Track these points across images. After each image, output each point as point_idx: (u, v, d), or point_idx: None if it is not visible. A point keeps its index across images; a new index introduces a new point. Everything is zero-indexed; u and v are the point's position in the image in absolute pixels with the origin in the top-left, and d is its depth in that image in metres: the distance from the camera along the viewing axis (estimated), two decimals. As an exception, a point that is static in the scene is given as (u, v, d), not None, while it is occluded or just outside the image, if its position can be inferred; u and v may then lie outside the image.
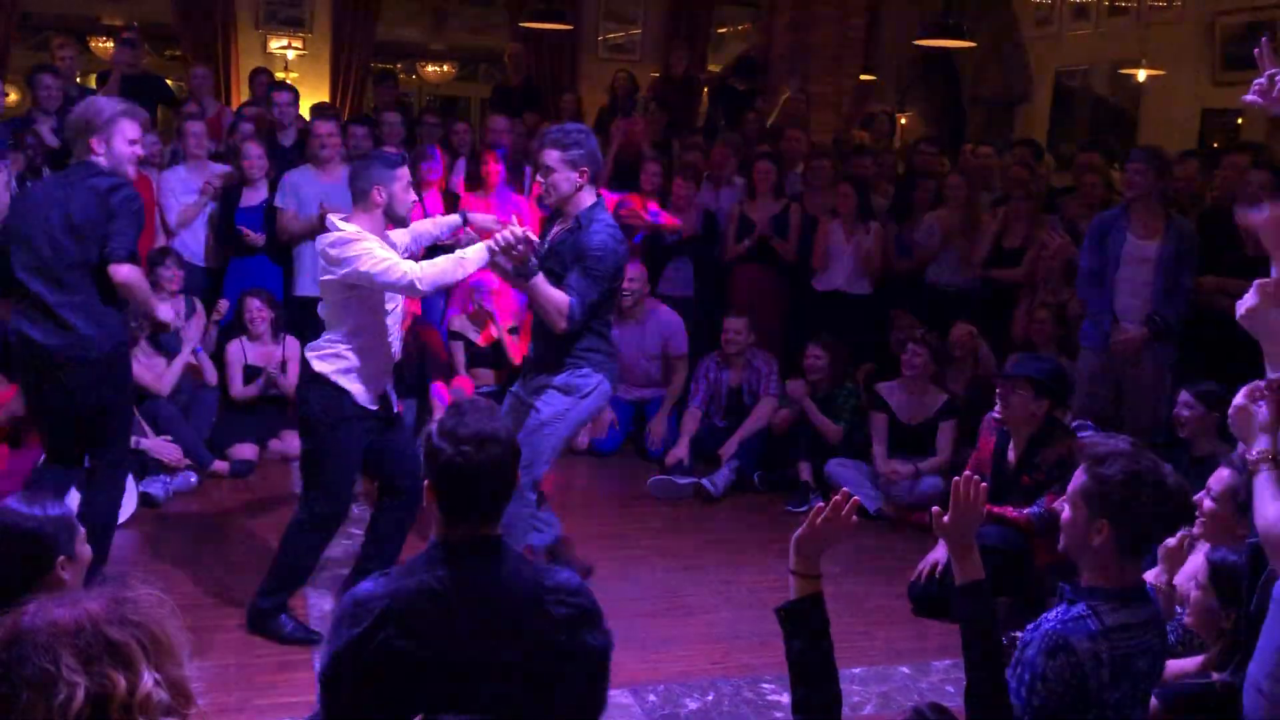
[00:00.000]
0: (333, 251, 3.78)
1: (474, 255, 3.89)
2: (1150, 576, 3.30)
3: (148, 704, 1.36)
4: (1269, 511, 2.05)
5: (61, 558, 2.36)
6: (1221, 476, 3.14)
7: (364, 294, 3.87)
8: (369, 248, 3.75)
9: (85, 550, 2.46)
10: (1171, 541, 3.40)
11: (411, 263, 3.86)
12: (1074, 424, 4.72)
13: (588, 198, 4.17)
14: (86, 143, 3.94)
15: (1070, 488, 2.37)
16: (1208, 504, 3.15)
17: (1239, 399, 2.34)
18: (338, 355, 3.90)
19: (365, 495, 4.94)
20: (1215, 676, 2.74)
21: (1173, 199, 5.81)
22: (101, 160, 3.93)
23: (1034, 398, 4.41)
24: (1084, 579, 2.36)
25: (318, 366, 3.90)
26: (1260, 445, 2.17)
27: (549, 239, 4.25)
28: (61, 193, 3.92)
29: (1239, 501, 2.96)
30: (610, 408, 6.36)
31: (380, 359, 4.00)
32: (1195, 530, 3.26)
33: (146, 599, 1.44)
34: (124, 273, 3.88)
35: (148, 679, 1.37)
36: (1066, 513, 2.37)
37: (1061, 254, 5.92)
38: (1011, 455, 4.53)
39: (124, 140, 3.96)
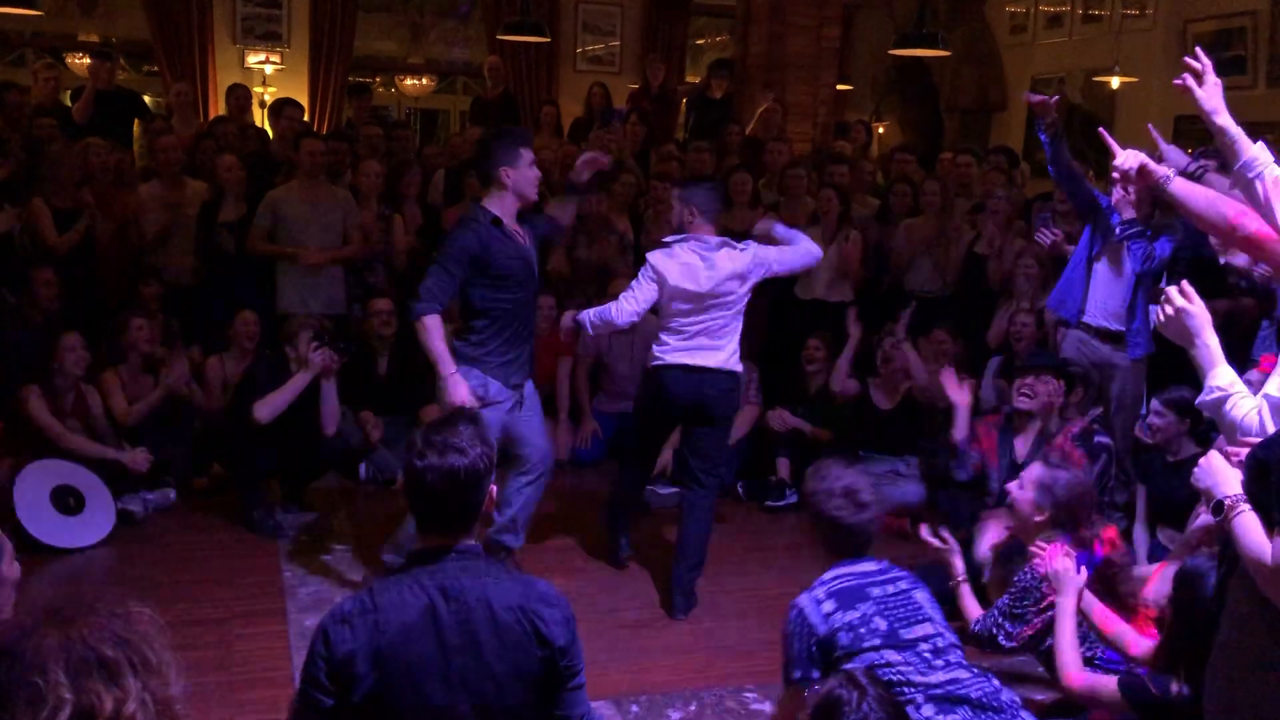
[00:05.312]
0: None
1: None
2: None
3: None
4: (1256, 546, 2.08)
5: None
6: (1033, 469, 3.60)
7: None
8: None
9: (13, 569, 2.22)
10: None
11: None
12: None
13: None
14: None
15: None
16: (1016, 492, 3.58)
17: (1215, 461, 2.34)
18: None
19: None
20: (1175, 688, 2.77)
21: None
22: None
23: (1057, 384, 4.60)
24: None
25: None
26: (1232, 490, 2.20)
27: None
28: None
29: (1043, 492, 3.47)
30: (593, 418, 6.37)
31: None
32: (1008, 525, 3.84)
33: (138, 617, 1.44)
34: None
35: (134, 698, 1.37)
36: None
37: (1056, 251, 5.92)
38: (1020, 448, 4.62)
39: None
